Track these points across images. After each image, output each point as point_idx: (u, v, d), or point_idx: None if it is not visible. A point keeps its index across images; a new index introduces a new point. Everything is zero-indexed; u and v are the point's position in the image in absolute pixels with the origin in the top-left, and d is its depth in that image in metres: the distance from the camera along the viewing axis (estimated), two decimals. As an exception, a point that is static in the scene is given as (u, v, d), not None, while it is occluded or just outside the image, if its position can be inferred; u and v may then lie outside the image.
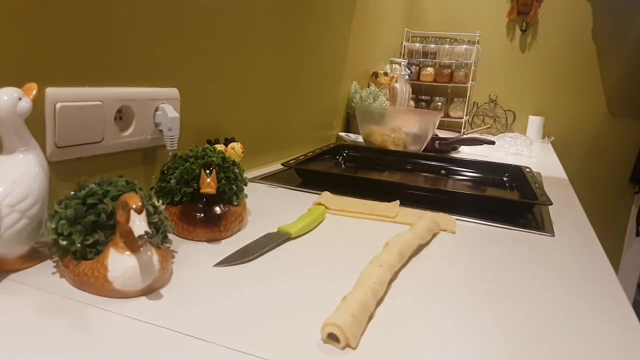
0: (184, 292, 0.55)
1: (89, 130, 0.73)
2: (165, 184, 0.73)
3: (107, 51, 0.75)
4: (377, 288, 0.54)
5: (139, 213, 0.51)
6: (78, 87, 0.71)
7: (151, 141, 0.85)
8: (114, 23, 0.75)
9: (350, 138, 1.73)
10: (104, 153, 0.77)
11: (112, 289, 0.52)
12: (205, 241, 0.70)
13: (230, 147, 0.98)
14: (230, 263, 0.62)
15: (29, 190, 0.55)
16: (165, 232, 0.60)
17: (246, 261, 0.64)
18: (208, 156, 0.75)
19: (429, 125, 1.54)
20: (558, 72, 2.58)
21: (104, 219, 0.55)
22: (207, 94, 1.00)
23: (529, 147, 1.90)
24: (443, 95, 2.70)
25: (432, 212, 0.90)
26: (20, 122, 0.55)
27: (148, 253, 0.54)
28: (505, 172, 1.33)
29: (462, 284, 0.62)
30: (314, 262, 0.66)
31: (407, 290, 0.59)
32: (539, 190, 1.02)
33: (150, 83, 0.84)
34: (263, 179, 1.09)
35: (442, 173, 1.35)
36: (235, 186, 0.75)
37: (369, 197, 0.97)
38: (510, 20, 2.63)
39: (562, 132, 2.60)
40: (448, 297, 0.58)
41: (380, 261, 0.60)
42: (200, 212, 0.70)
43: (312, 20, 1.43)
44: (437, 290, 0.60)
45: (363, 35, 1.94)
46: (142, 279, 0.53)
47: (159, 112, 0.84)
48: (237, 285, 0.57)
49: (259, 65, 1.17)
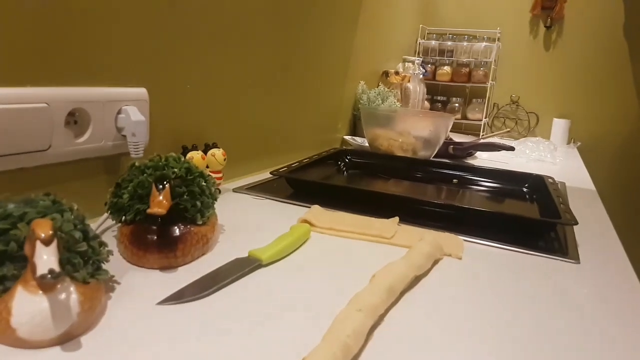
0: (113, 339, 0.44)
1: (32, 137, 0.62)
2: (117, 200, 0.63)
3: (56, 44, 0.64)
4: (351, 343, 0.43)
5: (47, 245, 0.41)
6: (16, 87, 0.61)
7: (113, 148, 0.75)
8: (65, 9, 0.65)
9: (356, 142, 1.62)
10: (53, 162, 0.67)
11: (16, 338, 0.42)
12: (157, 269, 0.59)
13: (210, 154, 0.87)
14: (179, 300, 0.51)
15: None
16: (98, 263, 0.50)
17: (199, 297, 0.53)
18: (169, 167, 0.64)
19: (440, 128, 1.42)
20: (585, 71, 2.42)
21: (14, 249, 0.44)
22: (185, 95, 0.89)
23: (553, 153, 1.76)
24: (460, 96, 2.57)
25: (436, 232, 0.78)
26: None
27: (64, 293, 0.43)
28: (525, 182, 1.20)
29: (466, 329, 0.50)
30: (285, 298, 0.54)
31: (396, 338, 0.47)
32: (562, 206, 0.89)
33: (112, 82, 0.73)
34: (250, 189, 0.98)
35: (454, 182, 1.23)
36: (201, 202, 0.64)
37: (367, 211, 0.86)
38: (533, 16, 2.48)
39: (589, 137, 2.43)
40: (449, 347, 0.46)
41: (360, 303, 0.48)
42: (152, 233, 0.59)
43: (313, 13, 1.32)
44: (434, 337, 0.48)
45: (372, 32, 1.82)
46: (54, 326, 0.42)
47: (122, 115, 0.74)
48: (183, 330, 0.46)
49: (250, 61, 1.06)
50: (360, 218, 0.82)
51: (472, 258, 0.71)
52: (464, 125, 2.50)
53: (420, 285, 0.61)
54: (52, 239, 0.41)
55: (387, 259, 0.62)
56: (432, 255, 0.66)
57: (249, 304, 0.52)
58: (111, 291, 0.53)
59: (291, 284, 0.58)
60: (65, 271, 0.44)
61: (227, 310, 0.50)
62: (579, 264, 0.73)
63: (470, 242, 0.78)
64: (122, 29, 0.74)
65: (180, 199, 0.61)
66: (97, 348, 0.43)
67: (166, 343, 0.44)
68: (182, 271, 0.59)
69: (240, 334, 0.46)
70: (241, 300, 0.53)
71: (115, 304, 0.50)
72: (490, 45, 2.44)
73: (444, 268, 0.67)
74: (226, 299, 0.53)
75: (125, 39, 0.74)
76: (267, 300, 0.53)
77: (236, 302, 0.53)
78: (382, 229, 0.76)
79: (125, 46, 0.74)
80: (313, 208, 0.83)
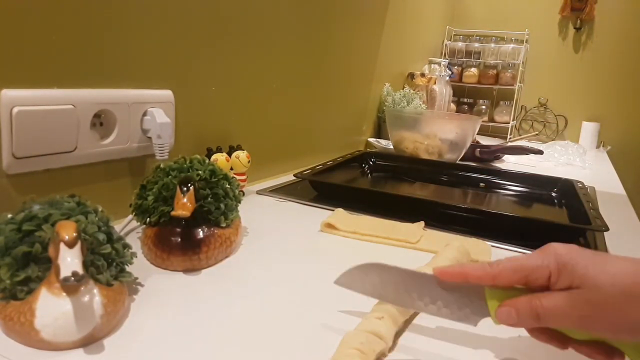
0: (136, 342, 0.44)
1: (58, 138, 0.63)
2: (142, 201, 0.63)
3: (83, 46, 0.65)
4: (366, 350, 0.41)
5: (71, 247, 0.41)
6: (44, 89, 0.61)
7: (138, 150, 0.75)
8: (92, 11, 0.65)
9: (380, 144, 1.60)
10: (79, 164, 0.67)
11: (40, 340, 0.42)
12: (181, 271, 0.59)
13: (234, 156, 0.87)
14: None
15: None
16: (122, 265, 0.50)
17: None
18: (193, 169, 0.64)
19: (467, 131, 1.39)
20: (616, 74, 2.36)
21: (39, 250, 0.44)
22: (210, 97, 0.89)
23: (582, 157, 1.71)
24: (488, 98, 2.52)
25: (462, 237, 0.76)
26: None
27: (87, 296, 0.43)
28: (553, 186, 1.17)
29: (492, 336, 0.49)
30: (303, 303, 0.53)
31: (421, 345, 0.46)
32: (592, 211, 0.87)
33: (138, 84, 0.74)
34: (273, 192, 0.97)
35: (481, 186, 1.20)
36: (225, 205, 0.64)
37: (392, 215, 0.84)
38: (562, 17, 2.43)
39: (619, 141, 2.37)
40: (474, 353, 0.45)
41: (383, 310, 0.47)
42: (176, 236, 0.59)
43: (340, 15, 1.31)
44: (460, 344, 0.47)
45: (398, 34, 1.80)
46: (77, 328, 0.42)
47: (147, 117, 0.74)
48: (206, 332, 0.45)
49: (275, 63, 1.06)
50: (385, 222, 0.81)
51: (500, 265, 0.69)
52: (491, 127, 2.46)
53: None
54: (76, 241, 0.41)
55: (412, 265, 0.60)
56: (458, 261, 0.64)
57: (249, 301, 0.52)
58: (134, 293, 0.53)
59: (312, 287, 0.57)
60: (89, 273, 0.44)
61: (227, 309, 0.50)
62: (612, 272, 0.70)
63: (498, 247, 0.76)
64: (149, 32, 0.74)
65: (204, 201, 0.61)
66: (120, 351, 0.42)
67: (190, 346, 0.44)
68: (205, 274, 0.59)
69: (239, 334, 0.46)
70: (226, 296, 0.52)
71: (139, 307, 0.50)
72: (518, 47, 2.40)
73: (470, 275, 0.65)
74: (249, 303, 0.52)
75: (152, 42, 0.75)
76: (286, 305, 0.53)
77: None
78: (407, 234, 0.75)
79: (151, 48, 0.75)
80: (337, 211, 0.82)
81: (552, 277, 0.39)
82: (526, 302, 0.40)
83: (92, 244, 0.46)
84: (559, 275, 0.39)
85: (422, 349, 0.47)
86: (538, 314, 0.39)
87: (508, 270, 0.41)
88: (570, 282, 0.38)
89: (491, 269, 0.42)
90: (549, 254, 0.40)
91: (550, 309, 0.39)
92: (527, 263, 0.41)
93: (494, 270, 0.42)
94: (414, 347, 0.47)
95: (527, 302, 0.40)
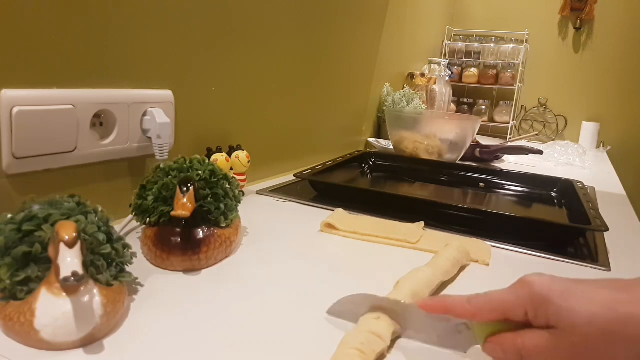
0: (135, 342, 0.44)
1: (58, 138, 0.63)
2: (142, 201, 0.63)
3: (83, 46, 0.65)
4: (365, 350, 0.41)
5: (70, 247, 0.41)
6: (44, 89, 0.61)
7: (138, 150, 0.75)
8: (92, 11, 0.65)
9: (380, 145, 1.60)
10: (79, 164, 0.67)
11: (40, 340, 0.42)
12: (181, 271, 0.59)
13: (234, 156, 0.87)
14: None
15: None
16: (122, 265, 0.50)
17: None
18: (193, 169, 0.64)
19: (467, 131, 1.39)
20: (616, 74, 2.36)
21: (39, 250, 0.44)
22: (210, 97, 0.89)
23: (582, 157, 1.71)
24: (488, 98, 2.52)
25: (463, 237, 0.76)
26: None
27: (87, 296, 0.43)
28: (553, 186, 1.17)
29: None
30: (306, 303, 0.53)
31: (419, 346, 0.46)
32: (592, 211, 0.87)
33: (138, 84, 0.74)
34: (273, 192, 0.97)
35: (481, 186, 1.20)
36: (225, 205, 0.63)
37: (392, 215, 0.84)
38: (562, 17, 2.43)
39: (619, 141, 2.37)
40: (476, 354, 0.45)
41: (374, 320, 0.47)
42: (176, 236, 0.59)
43: (339, 15, 1.31)
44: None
45: (398, 34, 1.80)
46: (77, 328, 0.42)
47: (147, 117, 0.74)
48: (207, 334, 0.45)
49: (275, 64, 1.06)
50: (385, 222, 0.81)
51: (499, 264, 0.69)
52: (490, 128, 2.46)
53: (447, 292, 0.59)
54: (75, 241, 0.41)
55: (412, 265, 0.60)
56: (458, 261, 0.64)
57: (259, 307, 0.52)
58: (134, 294, 0.53)
59: (312, 287, 0.57)
60: (89, 273, 0.44)
61: (227, 307, 0.50)
62: (610, 271, 0.70)
63: (498, 247, 0.76)
64: (149, 32, 0.74)
65: (204, 201, 0.61)
66: (120, 351, 0.42)
67: (190, 345, 0.44)
68: (205, 274, 0.59)
69: (235, 334, 0.46)
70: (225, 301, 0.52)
71: (139, 307, 0.50)
72: (518, 47, 2.40)
73: (470, 274, 0.65)
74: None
75: (152, 42, 0.75)
76: (285, 305, 0.53)
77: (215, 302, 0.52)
78: (407, 234, 0.75)
79: (151, 48, 0.75)
80: (337, 211, 0.82)
81: (529, 314, 0.39)
82: (510, 341, 0.39)
83: (92, 244, 0.46)
84: (535, 312, 0.38)
85: (422, 349, 0.47)
86: (522, 355, 0.38)
87: (485, 311, 0.41)
88: (546, 321, 0.37)
89: (470, 306, 0.42)
90: (523, 289, 0.39)
91: (533, 349, 0.38)
92: (503, 303, 0.40)
93: (472, 309, 0.42)
94: (413, 347, 0.47)
95: (511, 341, 0.39)
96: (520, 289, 0.39)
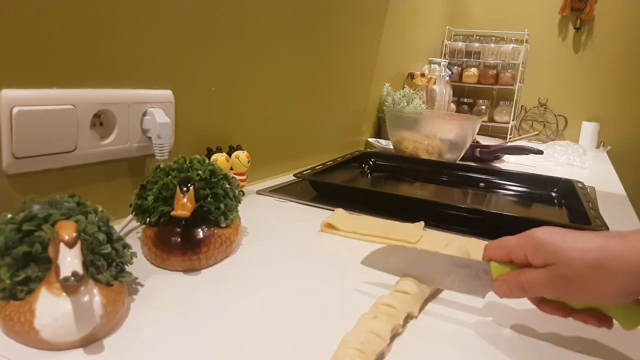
0: (135, 342, 0.44)
1: (58, 138, 0.63)
2: (142, 201, 0.63)
3: (83, 46, 0.65)
4: (365, 350, 0.41)
5: (70, 247, 0.41)
6: (44, 89, 0.61)
7: (138, 150, 0.75)
8: (92, 11, 0.65)
9: (380, 145, 1.60)
10: (79, 164, 0.67)
11: (40, 340, 0.42)
12: (181, 271, 0.59)
13: (234, 156, 0.87)
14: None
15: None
16: (122, 265, 0.50)
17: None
18: (193, 169, 0.64)
19: (467, 131, 1.39)
20: (616, 74, 2.36)
21: (39, 250, 0.44)
22: (210, 97, 0.89)
23: (582, 157, 1.71)
24: (488, 98, 2.52)
25: (462, 238, 0.76)
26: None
27: (87, 296, 0.43)
28: (553, 186, 1.17)
29: (494, 336, 0.49)
30: (305, 302, 0.53)
31: (418, 345, 0.46)
32: (592, 211, 0.87)
33: (138, 84, 0.74)
34: (273, 192, 0.97)
35: (481, 186, 1.20)
36: (225, 205, 0.64)
37: (392, 215, 0.84)
38: (562, 17, 2.43)
39: (619, 141, 2.37)
40: (475, 354, 0.45)
41: (382, 309, 0.47)
42: (176, 236, 0.59)
43: (339, 15, 1.31)
44: (459, 344, 0.47)
45: (398, 34, 1.80)
46: (77, 328, 0.42)
47: (147, 117, 0.74)
48: (206, 332, 0.45)
49: (275, 64, 1.06)
50: (385, 222, 0.81)
51: (499, 265, 0.69)
52: (491, 128, 2.46)
53: (447, 292, 0.59)
54: (75, 241, 0.41)
55: (412, 265, 0.60)
56: (458, 262, 0.64)
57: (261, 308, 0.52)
58: (134, 294, 0.53)
59: (312, 287, 0.57)
60: (89, 273, 0.44)
61: (229, 302, 0.50)
62: (612, 272, 0.70)
63: (498, 248, 0.76)
64: (149, 32, 0.74)
65: (204, 201, 0.61)
66: (120, 351, 0.42)
67: (190, 345, 0.44)
68: (205, 274, 0.59)
69: (234, 333, 0.46)
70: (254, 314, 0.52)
71: (139, 307, 0.50)
72: (518, 47, 2.40)
73: (470, 275, 0.65)
74: (249, 303, 0.52)
75: (152, 41, 0.75)
76: (285, 305, 0.53)
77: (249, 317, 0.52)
78: (407, 234, 0.75)
79: (151, 48, 0.75)
80: (337, 211, 0.82)
81: (528, 255, 0.46)
82: (514, 277, 0.47)
83: (92, 244, 0.46)
84: (535, 253, 0.45)
85: (421, 349, 0.47)
86: (523, 287, 0.46)
87: (493, 248, 0.50)
88: (545, 259, 0.44)
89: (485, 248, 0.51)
90: (527, 235, 0.46)
91: (532, 282, 0.45)
92: (507, 244, 0.48)
93: (485, 248, 0.51)
94: (414, 347, 0.47)
95: (515, 277, 0.47)
96: (525, 235, 0.47)
